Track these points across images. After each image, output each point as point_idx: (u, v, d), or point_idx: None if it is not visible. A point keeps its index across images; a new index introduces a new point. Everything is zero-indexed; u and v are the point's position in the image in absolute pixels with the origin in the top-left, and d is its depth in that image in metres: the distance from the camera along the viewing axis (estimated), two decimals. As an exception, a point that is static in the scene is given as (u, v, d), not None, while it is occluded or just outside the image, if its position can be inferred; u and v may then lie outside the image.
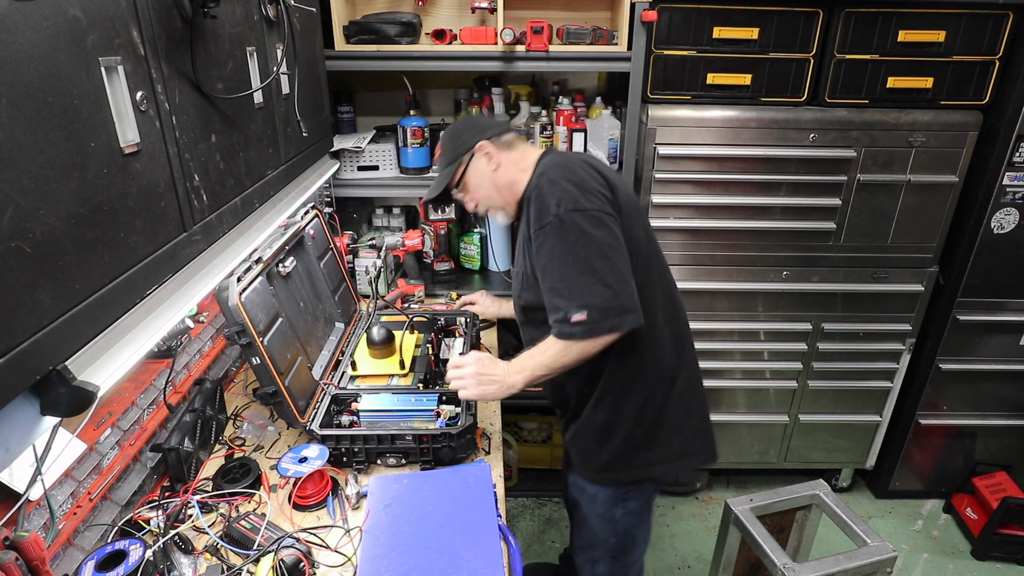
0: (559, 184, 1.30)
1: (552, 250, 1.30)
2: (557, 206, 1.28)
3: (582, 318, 1.25)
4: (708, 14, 2.00)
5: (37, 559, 0.90)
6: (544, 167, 1.39)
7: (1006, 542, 2.46)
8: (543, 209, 1.31)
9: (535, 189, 1.35)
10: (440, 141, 1.55)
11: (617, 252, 1.29)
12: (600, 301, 1.25)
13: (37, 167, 0.70)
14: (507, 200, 1.50)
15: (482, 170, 1.49)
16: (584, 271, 1.26)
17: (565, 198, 1.28)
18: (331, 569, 1.19)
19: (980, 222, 2.21)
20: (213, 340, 1.75)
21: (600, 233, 1.27)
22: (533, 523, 2.69)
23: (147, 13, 0.91)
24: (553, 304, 1.31)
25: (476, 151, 1.48)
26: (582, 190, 1.30)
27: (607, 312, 1.25)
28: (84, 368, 0.79)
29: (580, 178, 1.32)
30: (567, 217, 1.27)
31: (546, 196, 1.31)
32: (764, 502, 1.89)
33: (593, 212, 1.28)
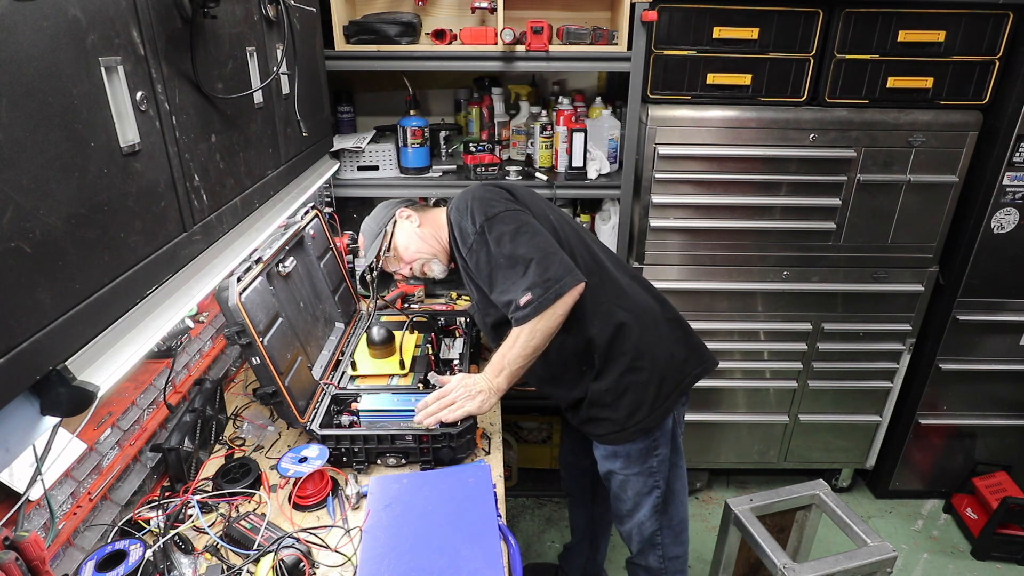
0: (467, 206, 1.47)
1: (485, 260, 1.44)
2: (473, 223, 1.44)
3: (528, 298, 1.37)
4: (708, 14, 2.00)
5: (37, 559, 0.90)
6: (450, 206, 1.57)
7: (1006, 542, 2.46)
8: (464, 232, 1.47)
9: (454, 223, 1.52)
10: (361, 232, 1.73)
11: (536, 232, 1.43)
12: (536, 278, 1.37)
13: (37, 167, 0.70)
14: (436, 248, 1.65)
15: (407, 229, 1.66)
16: (514, 262, 1.40)
17: (476, 213, 1.44)
18: (331, 569, 1.19)
19: (980, 222, 2.20)
20: (213, 340, 1.75)
21: (514, 226, 1.42)
22: (533, 523, 2.69)
23: (147, 13, 0.91)
24: (504, 302, 1.44)
25: (397, 217, 1.68)
26: (485, 201, 1.46)
27: (547, 283, 1.37)
28: (84, 368, 0.79)
29: (479, 195, 1.48)
30: (484, 227, 1.42)
31: (462, 221, 1.47)
32: (764, 502, 1.89)
33: (502, 213, 1.43)
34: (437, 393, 1.45)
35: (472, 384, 1.44)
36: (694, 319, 2.36)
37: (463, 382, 1.45)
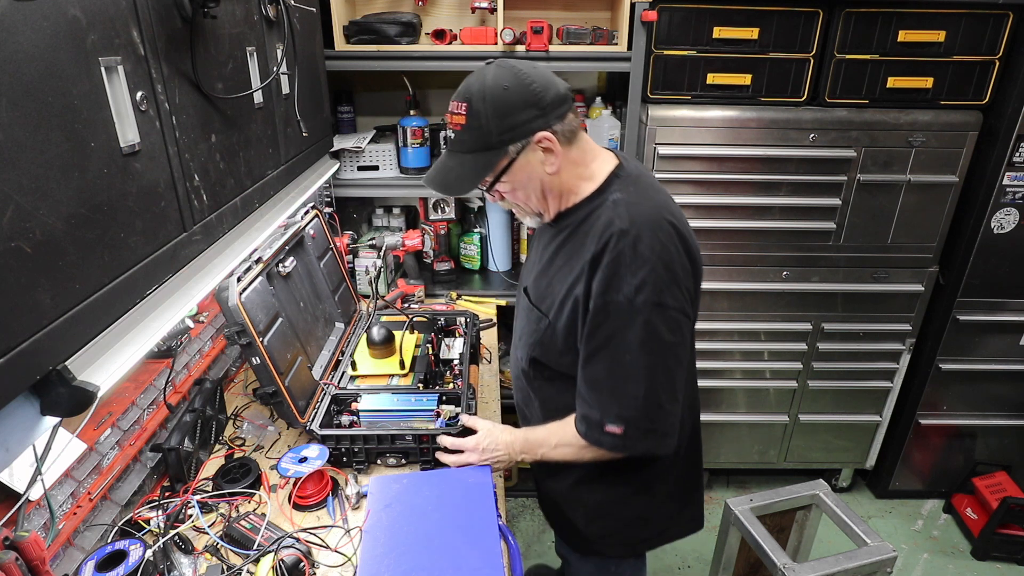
0: (647, 260, 1.05)
1: (610, 338, 1.08)
2: (636, 290, 1.05)
3: (617, 431, 1.12)
4: (708, 14, 2.00)
5: (37, 559, 0.90)
6: (627, 209, 1.09)
7: (1006, 542, 2.46)
8: (618, 281, 1.06)
9: (613, 248, 1.06)
10: (471, 102, 1.07)
11: (680, 364, 1.13)
12: (644, 420, 1.11)
13: (37, 167, 0.70)
14: (550, 207, 1.19)
15: (534, 168, 1.12)
16: (639, 379, 1.09)
17: (650, 283, 1.04)
18: (331, 569, 1.19)
19: (980, 222, 2.20)
20: (213, 340, 1.75)
21: (672, 339, 1.09)
22: (533, 523, 2.69)
23: (147, 13, 0.91)
24: (589, 399, 1.14)
25: (534, 141, 1.09)
26: (671, 278, 1.06)
27: (647, 434, 1.12)
28: (84, 368, 0.79)
29: (671, 257, 1.07)
30: (644, 309, 1.05)
31: (625, 268, 1.05)
32: (764, 502, 1.89)
33: (673, 312, 1.07)
34: (454, 443, 1.36)
35: (491, 454, 1.32)
36: (694, 319, 2.38)
37: (483, 447, 1.32)
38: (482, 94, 1.06)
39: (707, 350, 2.42)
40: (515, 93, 1.07)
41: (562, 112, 1.10)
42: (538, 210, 1.20)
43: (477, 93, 1.07)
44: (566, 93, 1.12)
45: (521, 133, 1.08)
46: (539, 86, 1.08)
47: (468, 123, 1.08)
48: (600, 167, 1.18)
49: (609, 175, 1.16)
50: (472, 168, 1.11)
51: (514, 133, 1.08)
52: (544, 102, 1.08)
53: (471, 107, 1.07)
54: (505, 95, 1.06)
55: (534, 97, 1.07)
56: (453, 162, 1.13)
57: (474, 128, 1.08)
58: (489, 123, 1.07)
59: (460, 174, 1.12)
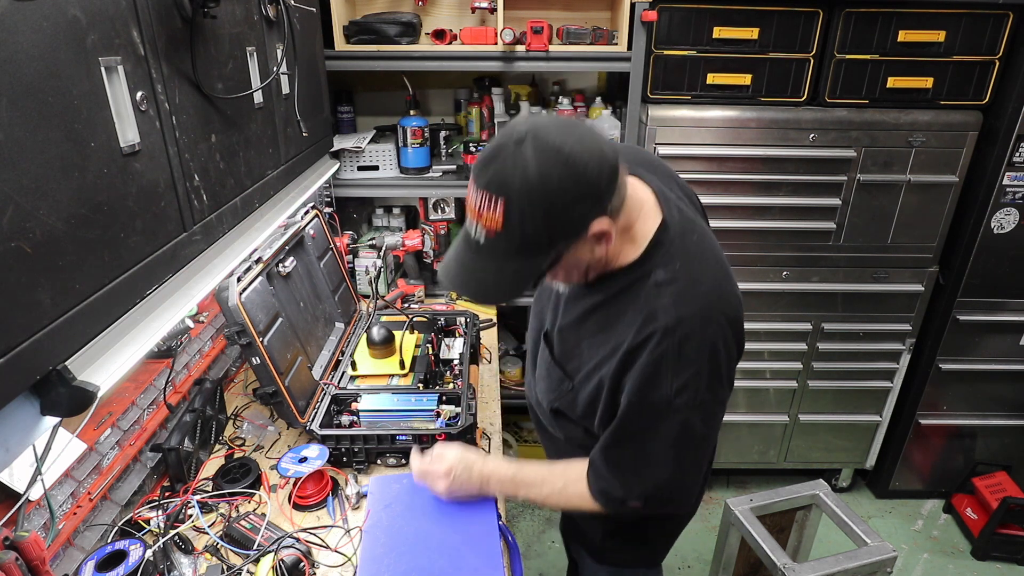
0: (693, 362, 0.95)
1: (642, 431, 1.02)
2: (677, 392, 0.96)
3: (637, 506, 1.08)
4: (708, 14, 2.00)
5: (37, 559, 0.90)
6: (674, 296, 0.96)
7: (1006, 542, 2.46)
8: (658, 380, 0.96)
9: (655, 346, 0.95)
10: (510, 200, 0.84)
11: (708, 443, 1.08)
12: (666, 496, 1.08)
13: (37, 167, 0.70)
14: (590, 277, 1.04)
15: (582, 256, 0.95)
16: (667, 466, 1.03)
17: (692, 386, 0.96)
18: (331, 569, 1.19)
19: (980, 222, 2.20)
20: (213, 340, 1.75)
21: (705, 428, 1.03)
22: (533, 523, 2.69)
23: (147, 13, 0.91)
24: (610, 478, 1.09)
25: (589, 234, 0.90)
26: (716, 376, 0.98)
27: (666, 502, 1.10)
28: (84, 368, 0.79)
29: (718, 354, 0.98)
30: (683, 409, 0.98)
31: (668, 368, 0.95)
32: (764, 502, 1.89)
33: (712, 406, 1.01)
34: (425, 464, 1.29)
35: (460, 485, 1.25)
36: (694, 319, 2.37)
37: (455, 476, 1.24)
38: (527, 193, 0.83)
39: (707, 350, 2.42)
40: (569, 185, 0.84)
41: (615, 186, 0.89)
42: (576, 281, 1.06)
43: (519, 190, 0.83)
44: (614, 160, 0.89)
45: (575, 230, 0.89)
46: (594, 168, 0.85)
47: (507, 228, 0.85)
48: (643, 227, 1.00)
49: (652, 241, 0.99)
50: (514, 276, 0.92)
51: (567, 231, 0.88)
52: (600, 187, 0.87)
53: (510, 207, 0.83)
54: (557, 192, 0.84)
55: (590, 187, 0.86)
56: (487, 266, 0.91)
57: (516, 235, 0.86)
58: (537, 228, 0.86)
59: (499, 281, 0.93)
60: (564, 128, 0.86)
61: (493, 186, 0.84)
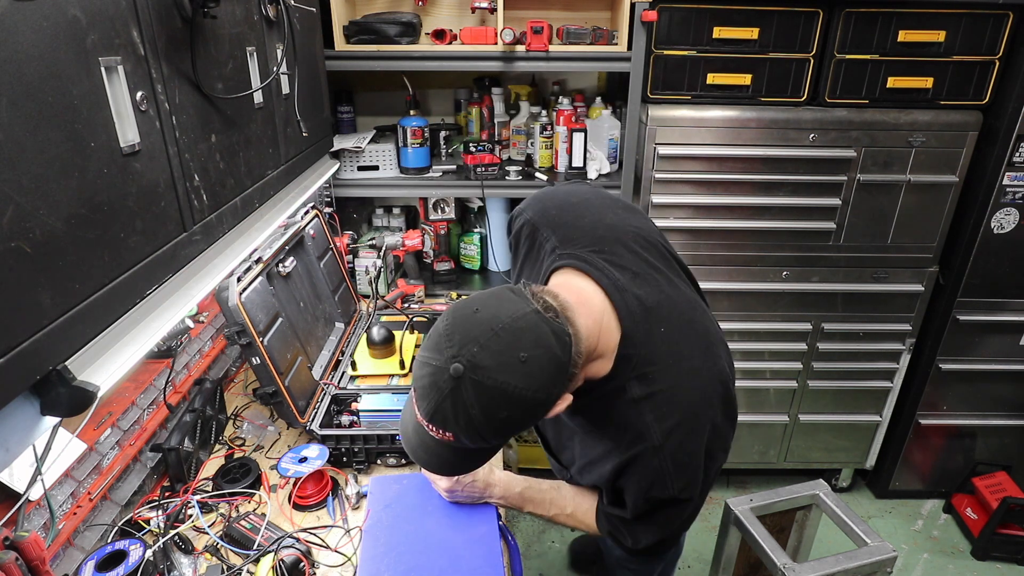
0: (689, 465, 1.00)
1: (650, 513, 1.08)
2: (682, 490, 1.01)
3: (636, 548, 1.16)
4: (708, 14, 2.00)
5: (37, 559, 0.90)
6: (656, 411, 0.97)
7: (1006, 542, 2.46)
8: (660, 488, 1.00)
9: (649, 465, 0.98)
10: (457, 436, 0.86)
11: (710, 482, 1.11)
12: (670, 533, 1.14)
13: (37, 167, 0.70)
14: None
15: None
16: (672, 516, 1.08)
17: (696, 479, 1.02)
18: (331, 569, 1.19)
19: (980, 222, 2.20)
20: (213, 340, 1.75)
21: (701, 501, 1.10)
22: (533, 523, 2.68)
23: (147, 13, 0.91)
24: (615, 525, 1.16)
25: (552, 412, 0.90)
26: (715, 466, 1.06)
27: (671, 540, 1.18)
28: (84, 368, 0.79)
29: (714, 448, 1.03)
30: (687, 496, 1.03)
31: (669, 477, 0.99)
32: (764, 502, 1.89)
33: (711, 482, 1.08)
34: None
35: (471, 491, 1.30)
36: (694, 319, 2.37)
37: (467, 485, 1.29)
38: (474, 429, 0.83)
39: (707, 350, 2.42)
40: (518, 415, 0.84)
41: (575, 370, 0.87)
42: None
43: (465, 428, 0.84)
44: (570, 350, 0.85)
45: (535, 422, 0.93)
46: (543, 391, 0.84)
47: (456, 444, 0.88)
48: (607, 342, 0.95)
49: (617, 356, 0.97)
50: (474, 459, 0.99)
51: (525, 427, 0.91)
52: (555, 394, 0.87)
53: (458, 437, 0.86)
54: (506, 422, 0.85)
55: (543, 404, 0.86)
56: (445, 452, 0.93)
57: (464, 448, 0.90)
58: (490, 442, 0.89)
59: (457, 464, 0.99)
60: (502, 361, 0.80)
61: (437, 420, 0.85)
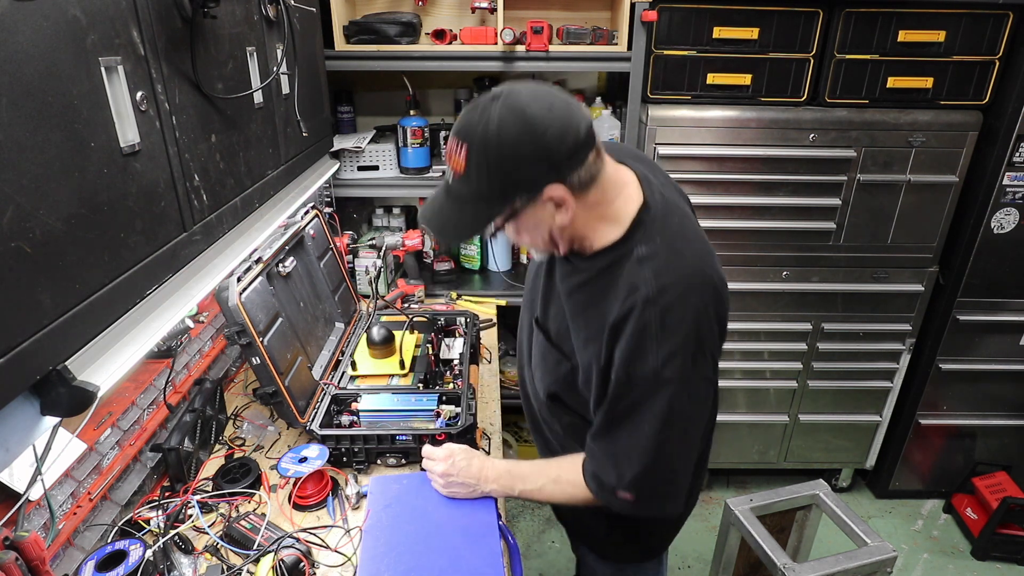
0: (676, 332, 0.97)
1: (631, 409, 1.03)
2: (664, 364, 0.97)
3: (628, 497, 1.09)
4: (708, 14, 2.00)
5: (37, 559, 0.90)
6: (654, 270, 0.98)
7: (1006, 542, 2.46)
8: (643, 353, 0.98)
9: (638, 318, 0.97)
10: (471, 146, 0.92)
11: (697, 430, 1.09)
12: (656, 486, 1.09)
13: (37, 167, 0.70)
14: (561, 248, 1.07)
15: (542, 219, 0.99)
16: (656, 451, 1.04)
17: (678, 357, 0.97)
18: (331, 569, 1.19)
19: (980, 222, 2.20)
20: (213, 340, 1.75)
21: (693, 409, 1.05)
22: (533, 523, 2.69)
23: (147, 13, 0.91)
24: (604, 462, 1.10)
25: (543, 198, 0.95)
26: (699, 349, 0.99)
27: (656, 498, 1.10)
28: (84, 368, 0.79)
29: (700, 327, 0.99)
30: (670, 383, 0.99)
31: (651, 340, 0.97)
32: (764, 502, 1.89)
33: (698, 382, 1.02)
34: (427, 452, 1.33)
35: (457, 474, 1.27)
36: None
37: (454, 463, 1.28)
38: (484, 143, 0.90)
39: (707, 350, 2.43)
40: (524, 145, 0.90)
41: (580, 158, 0.94)
42: (549, 251, 1.09)
43: (479, 140, 0.90)
44: (586, 136, 0.93)
45: (527, 188, 0.94)
46: (554, 134, 0.90)
47: (467, 173, 0.93)
48: (623, 207, 1.03)
49: (634, 219, 1.02)
50: (472, 218, 0.98)
51: (518, 189, 0.94)
52: (558, 155, 0.91)
53: (470, 155, 0.91)
54: (511, 148, 0.90)
55: (545, 151, 0.91)
56: (451, 208, 0.98)
57: (472, 180, 0.93)
58: (491, 178, 0.92)
59: (458, 223, 0.99)
60: (538, 94, 0.92)
61: (461, 133, 0.93)
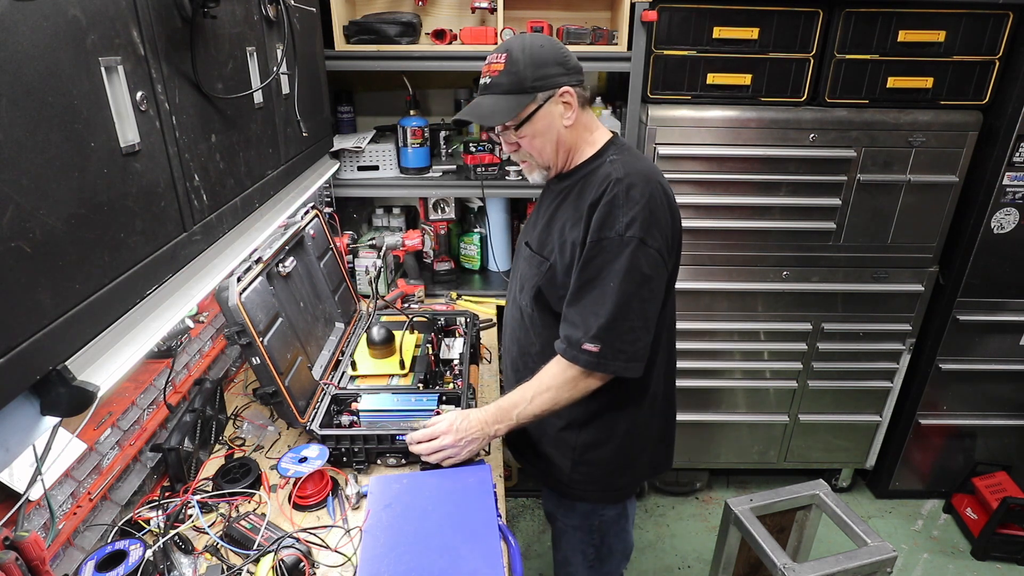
0: (637, 203, 1.22)
1: (600, 268, 1.24)
2: (626, 227, 1.21)
3: (594, 349, 1.24)
4: (708, 14, 2.00)
5: (37, 559, 0.90)
6: (623, 165, 1.27)
7: (1006, 542, 2.46)
8: (611, 220, 1.22)
9: (609, 192, 1.23)
10: (511, 51, 1.25)
11: (654, 298, 1.27)
12: (617, 340, 1.24)
13: (37, 167, 0.70)
14: (557, 162, 1.35)
15: (554, 119, 1.29)
16: (618, 303, 1.22)
17: (638, 221, 1.21)
18: (331, 569, 1.19)
19: (980, 222, 2.21)
20: (213, 340, 1.75)
21: (650, 273, 1.24)
22: (533, 523, 2.69)
23: (147, 13, 0.91)
24: (573, 319, 1.28)
25: (558, 94, 1.27)
26: (655, 220, 1.23)
27: (618, 353, 1.24)
28: (84, 368, 0.79)
29: (656, 204, 1.24)
30: (630, 243, 1.21)
31: (619, 208, 1.22)
32: (764, 502, 1.89)
33: (653, 251, 1.23)
34: (426, 433, 1.37)
35: (465, 432, 1.34)
36: (694, 319, 2.38)
37: (456, 428, 1.35)
38: (521, 46, 1.26)
39: (707, 350, 2.42)
40: (548, 51, 1.27)
41: (581, 78, 1.31)
42: (548, 163, 1.36)
43: (517, 46, 1.26)
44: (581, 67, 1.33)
45: (550, 84, 1.26)
46: (566, 51, 1.30)
47: (507, 68, 1.25)
48: (600, 136, 1.37)
49: (607, 142, 1.36)
50: (506, 106, 1.27)
51: (544, 83, 1.25)
52: (570, 64, 1.29)
53: (511, 56, 1.25)
54: (540, 50, 1.26)
55: (563, 58, 1.28)
56: (488, 100, 1.28)
57: (511, 73, 1.25)
58: (525, 69, 1.24)
59: (494, 109, 1.27)
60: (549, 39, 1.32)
61: (502, 48, 1.29)
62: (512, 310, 1.53)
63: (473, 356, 1.81)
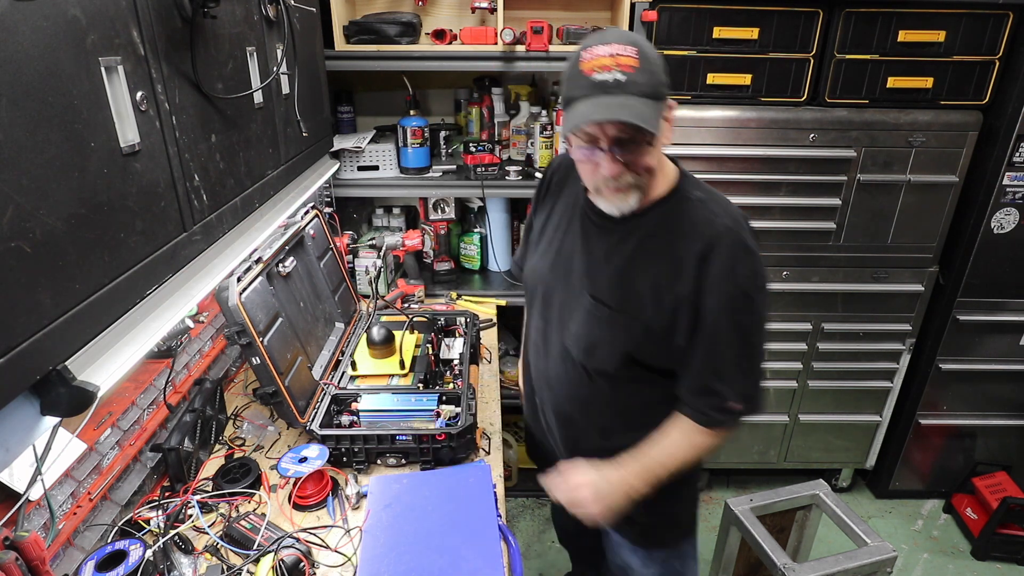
0: (754, 252, 1.12)
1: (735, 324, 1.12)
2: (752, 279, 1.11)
3: (738, 407, 1.16)
4: (708, 14, 2.00)
5: (37, 559, 0.90)
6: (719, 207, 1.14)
7: (1006, 542, 2.46)
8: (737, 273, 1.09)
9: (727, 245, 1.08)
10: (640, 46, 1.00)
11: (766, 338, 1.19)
12: (757, 395, 1.19)
13: (37, 167, 0.70)
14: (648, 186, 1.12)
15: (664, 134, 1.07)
16: (756, 357, 1.17)
17: (759, 272, 1.12)
18: (331, 569, 1.19)
19: (980, 222, 2.20)
20: (213, 340, 1.75)
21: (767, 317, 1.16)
22: (533, 523, 2.69)
23: (147, 13, 0.91)
24: (712, 382, 1.15)
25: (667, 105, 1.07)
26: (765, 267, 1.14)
27: (754, 407, 1.18)
28: (84, 368, 0.79)
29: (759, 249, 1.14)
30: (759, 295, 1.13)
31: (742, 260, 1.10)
32: (764, 502, 1.89)
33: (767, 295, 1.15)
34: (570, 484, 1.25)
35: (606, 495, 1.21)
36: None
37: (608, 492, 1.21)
38: (646, 45, 1.02)
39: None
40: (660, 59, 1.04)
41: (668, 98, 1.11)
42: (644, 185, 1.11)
43: (641, 40, 1.02)
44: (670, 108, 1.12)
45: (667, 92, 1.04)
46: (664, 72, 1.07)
47: (642, 66, 0.99)
48: (669, 169, 1.19)
49: (680, 174, 1.20)
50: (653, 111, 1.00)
51: (667, 89, 1.04)
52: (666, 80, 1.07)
53: (642, 51, 1.00)
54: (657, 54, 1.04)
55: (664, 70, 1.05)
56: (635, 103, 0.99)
57: (649, 72, 0.99)
58: (660, 71, 1.02)
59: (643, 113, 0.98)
60: None
61: (624, 40, 1.01)
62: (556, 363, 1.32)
63: (473, 356, 1.81)
